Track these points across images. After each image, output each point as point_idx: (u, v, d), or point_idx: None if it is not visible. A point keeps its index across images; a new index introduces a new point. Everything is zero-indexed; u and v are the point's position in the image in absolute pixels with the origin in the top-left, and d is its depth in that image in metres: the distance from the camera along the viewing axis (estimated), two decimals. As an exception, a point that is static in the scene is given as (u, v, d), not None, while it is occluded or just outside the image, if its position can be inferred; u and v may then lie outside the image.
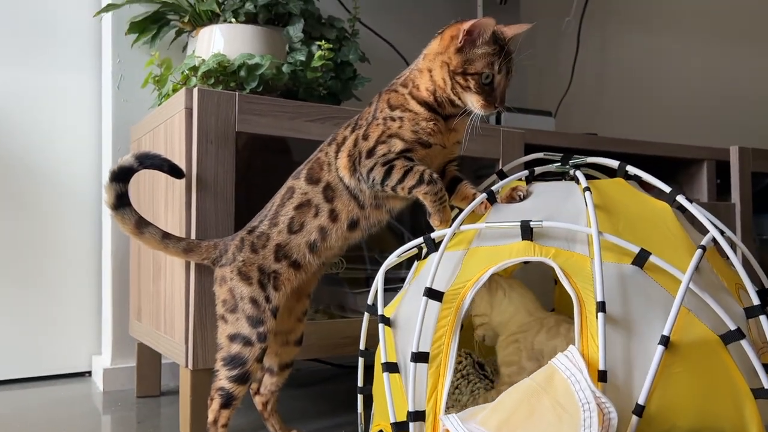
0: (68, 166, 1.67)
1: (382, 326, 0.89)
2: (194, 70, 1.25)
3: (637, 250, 0.79)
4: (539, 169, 1.00)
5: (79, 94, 1.69)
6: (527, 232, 0.83)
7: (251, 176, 1.27)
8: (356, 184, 0.97)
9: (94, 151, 1.69)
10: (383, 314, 0.91)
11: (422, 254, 1.02)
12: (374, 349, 0.93)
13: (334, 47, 1.39)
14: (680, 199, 0.89)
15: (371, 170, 0.94)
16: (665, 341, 0.72)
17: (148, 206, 1.34)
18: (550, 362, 0.74)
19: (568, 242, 0.83)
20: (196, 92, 1.12)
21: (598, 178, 1.03)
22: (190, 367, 1.09)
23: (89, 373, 1.69)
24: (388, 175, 0.93)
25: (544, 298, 1.03)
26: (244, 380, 0.98)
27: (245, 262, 1.00)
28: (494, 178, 1.11)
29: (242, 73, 1.24)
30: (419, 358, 0.81)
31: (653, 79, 2.60)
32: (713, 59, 2.73)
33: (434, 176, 0.93)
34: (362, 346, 1.00)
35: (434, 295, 0.83)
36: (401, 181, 0.93)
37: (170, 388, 1.57)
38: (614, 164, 0.97)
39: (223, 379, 0.98)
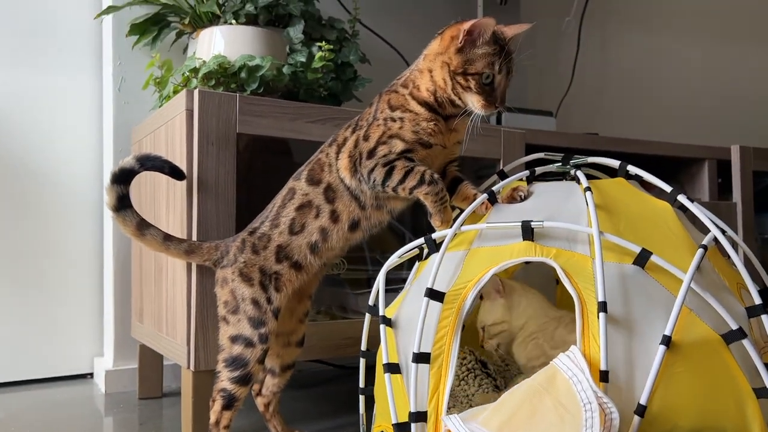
0: (69, 167, 1.67)
1: (383, 327, 0.89)
2: (195, 71, 1.25)
3: (638, 249, 0.79)
4: (540, 169, 1.00)
5: (80, 95, 1.69)
6: (528, 232, 0.83)
7: (252, 177, 1.27)
8: (357, 184, 0.97)
9: (95, 152, 1.70)
10: (384, 315, 0.91)
11: (423, 255, 1.02)
12: (376, 349, 0.93)
13: (334, 48, 1.39)
14: (681, 198, 0.89)
15: (372, 171, 0.94)
16: (667, 341, 0.72)
17: (149, 208, 1.34)
18: (551, 362, 0.74)
19: (569, 242, 0.83)
20: (196, 94, 1.12)
21: (599, 178, 1.03)
22: (191, 368, 1.10)
23: (91, 374, 1.69)
24: (389, 175, 0.93)
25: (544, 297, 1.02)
26: (245, 381, 0.98)
27: (246, 263, 1.00)
28: (495, 178, 1.11)
29: (243, 74, 1.24)
30: (421, 358, 0.81)
31: (654, 78, 2.60)
32: (714, 58, 2.72)
33: (435, 177, 0.93)
34: (364, 346, 1.00)
35: (435, 295, 0.83)
36: (402, 181, 0.93)
37: (172, 389, 1.57)
38: (615, 164, 0.97)
39: (224, 380, 0.99)
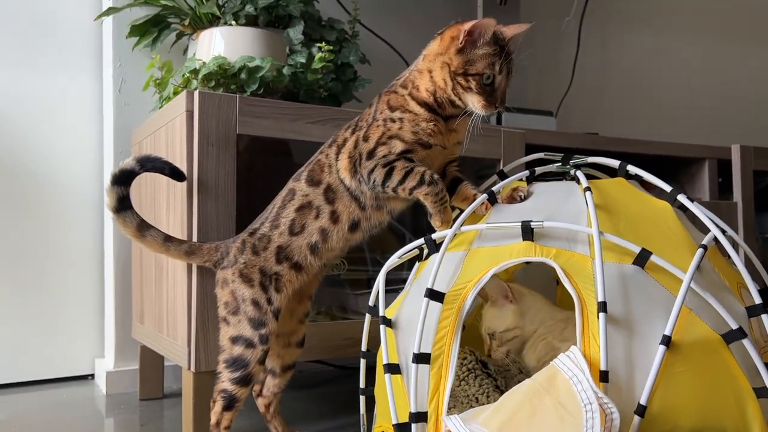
0: (70, 169, 1.67)
1: (383, 327, 0.89)
2: (195, 72, 1.25)
3: (638, 249, 0.79)
4: (540, 169, 1.00)
5: (80, 96, 1.69)
6: (528, 232, 0.83)
7: (252, 178, 1.28)
8: (357, 185, 0.98)
9: (95, 154, 1.70)
10: (384, 315, 0.91)
11: (423, 255, 1.02)
12: (376, 350, 0.93)
13: (334, 49, 1.39)
14: (681, 198, 0.89)
15: (372, 172, 0.94)
16: (667, 341, 0.72)
17: (149, 209, 1.34)
18: (552, 362, 0.74)
19: (569, 242, 0.83)
20: (197, 95, 1.12)
21: (599, 177, 1.03)
22: (192, 369, 1.10)
23: (92, 376, 1.69)
24: (388, 176, 0.93)
25: (546, 298, 1.02)
26: (246, 382, 0.99)
27: (247, 264, 1.00)
28: (495, 178, 1.11)
29: (243, 75, 1.24)
30: (421, 359, 0.81)
31: (654, 78, 2.60)
32: (714, 58, 2.72)
33: (435, 177, 0.93)
34: (364, 347, 1.00)
35: (435, 296, 0.83)
36: (402, 182, 0.93)
37: (173, 390, 1.57)
38: (615, 164, 0.97)
39: (225, 381, 0.99)
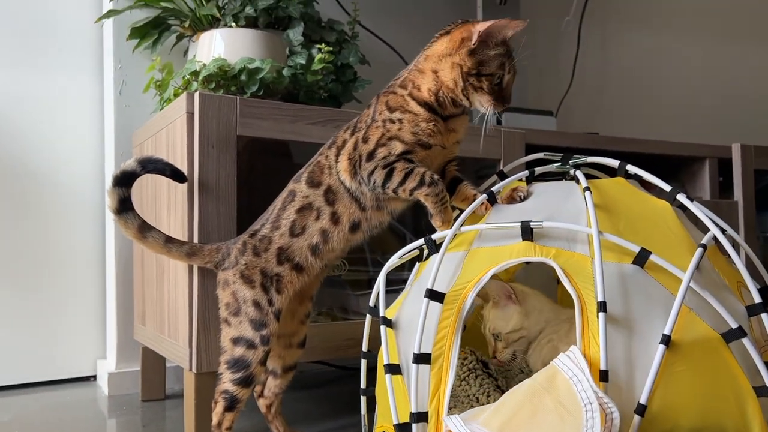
0: (71, 170, 1.68)
1: (384, 328, 0.89)
2: (195, 74, 1.25)
3: (637, 249, 0.79)
4: (540, 169, 1.00)
5: (81, 98, 1.70)
6: (528, 232, 0.84)
7: (253, 180, 1.28)
8: (357, 186, 0.98)
9: (96, 155, 1.70)
10: (385, 316, 0.91)
11: (423, 256, 1.02)
12: (377, 351, 0.93)
13: (334, 50, 1.40)
14: (680, 197, 0.89)
15: (372, 173, 0.95)
16: (666, 340, 0.72)
17: (150, 210, 1.34)
18: (552, 362, 0.74)
19: (568, 242, 0.83)
20: (197, 97, 1.12)
21: (598, 177, 1.03)
22: (194, 370, 1.10)
23: (94, 377, 1.69)
24: (389, 177, 0.94)
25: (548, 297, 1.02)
26: (247, 383, 0.99)
27: (248, 265, 1.01)
28: (495, 178, 1.11)
29: (243, 77, 1.24)
30: (421, 359, 0.81)
31: (654, 77, 2.60)
32: (714, 57, 2.72)
33: (435, 178, 0.93)
34: (365, 347, 1.00)
35: (435, 296, 0.84)
36: (402, 183, 0.93)
37: (175, 391, 1.57)
38: (614, 163, 0.97)
39: (227, 382, 0.99)
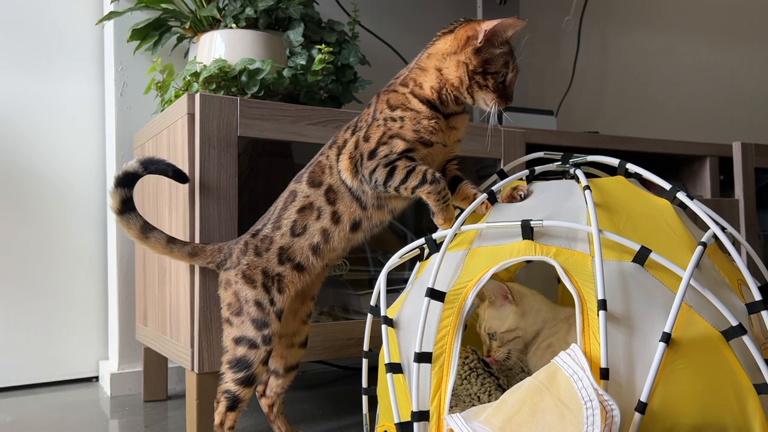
0: (73, 172, 1.68)
1: (385, 327, 0.90)
2: (196, 75, 1.26)
3: (637, 247, 0.79)
4: (540, 168, 1.00)
5: (82, 100, 1.70)
6: (528, 231, 0.84)
7: (254, 180, 1.28)
8: (359, 185, 0.98)
9: (98, 156, 1.71)
10: (386, 315, 0.91)
11: (424, 255, 1.02)
12: (378, 350, 0.93)
13: (334, 50, 1.40)
14: (681, 196, 0.89)
15: (373, 172, 0.95)
16: (667, 338, 0.72)
17: (152, 211, 1.35)
18: (552, 360, 0.74)
19: (568, 241, 0.83)
20: (198, 98, 1.13)
21: (598, 176, 1.03)
22: (196, 370, 1.10)
23: (96, 378, 1.70)
24: (390, 175, 0.94)
25: (547, 297, 1.03)
26: (249, 383, 0.99)
27: (249, 265, 1.01)
28: (495, 177, 1.11)
29: (243, 78, 1.25)
30: (422, 358, 0.81)
31: (654, 76, 2.60)
32: (714, 56, 2.72)
33: (437, 176, 0.94)
34: (366, 347, 1.00)
35: (436, 295, 0.84)
36: (404, 181, 0.93)
37: (177, 391, 1.58)
38: (614, 162, 0.97)
39: (228, 381, 0.99)
